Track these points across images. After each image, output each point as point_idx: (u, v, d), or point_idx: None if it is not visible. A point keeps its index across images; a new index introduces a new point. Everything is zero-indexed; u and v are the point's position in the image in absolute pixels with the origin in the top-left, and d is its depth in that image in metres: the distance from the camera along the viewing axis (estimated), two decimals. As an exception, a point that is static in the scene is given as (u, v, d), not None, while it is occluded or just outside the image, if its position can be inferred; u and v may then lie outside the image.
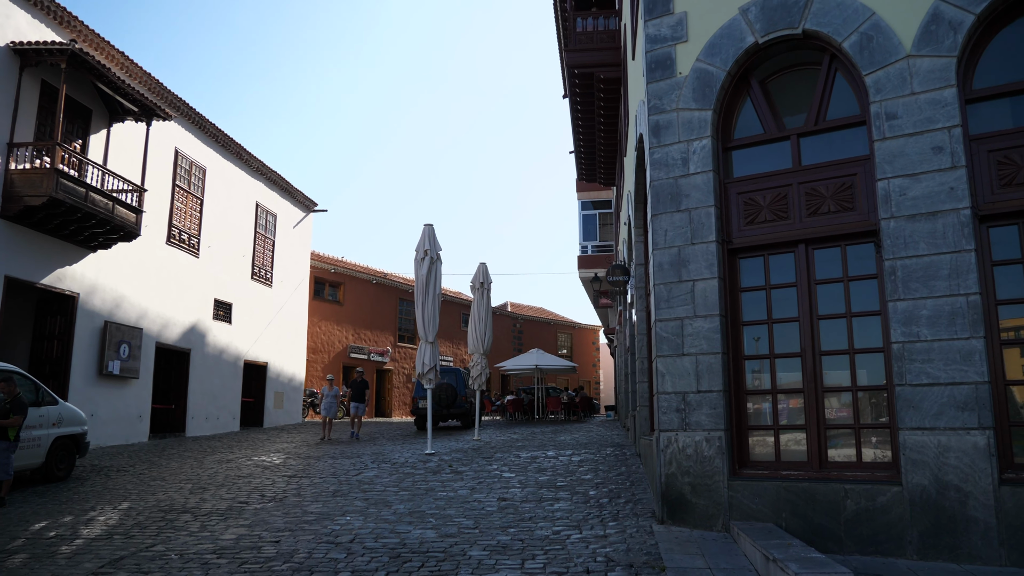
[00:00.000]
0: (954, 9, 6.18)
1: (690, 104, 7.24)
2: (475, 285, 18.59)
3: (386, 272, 36.16)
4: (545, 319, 48.36)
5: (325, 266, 31.46)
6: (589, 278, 26.57)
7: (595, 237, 27.52)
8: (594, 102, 17.37)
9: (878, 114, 6.34)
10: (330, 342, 31.45)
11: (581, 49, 16.22)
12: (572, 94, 17.92)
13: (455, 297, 40.20)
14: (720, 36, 7.20)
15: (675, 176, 7.20)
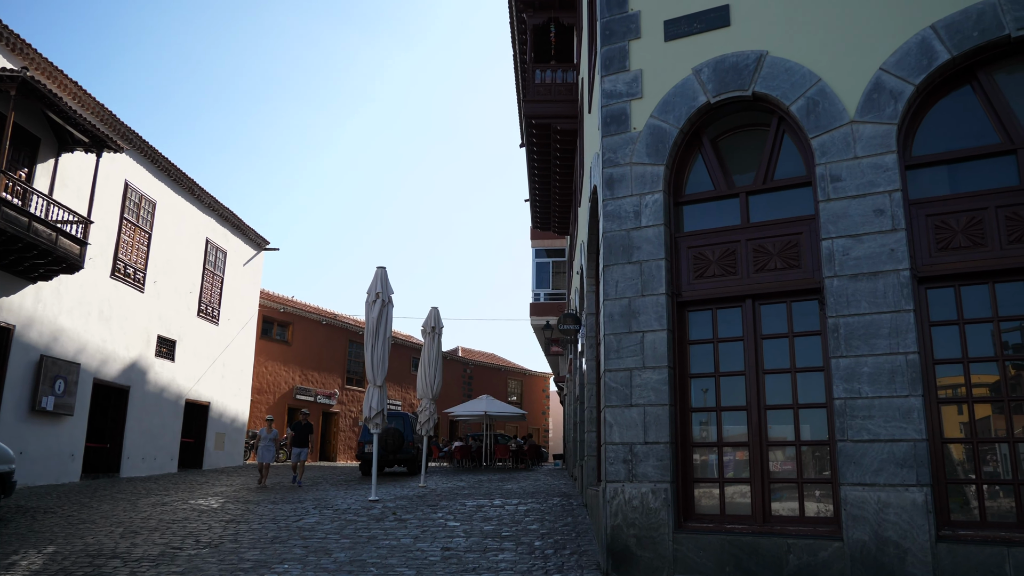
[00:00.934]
0: (895, 79, 6.47)
1: (643, 159, 7.40)
2: (426, 329, 18.49)
3: (336, 313, 35.75)
4: (496, 365, 48.21)
5: (274, 305, 30.99)
6: (541, 325, 26.64)
7: (548, 285, 27.70)
8: (551, 152, 17.64)
9: (823, 176, 6.56)
10: (276, 383, 30.83)
11: (539, 100, 16.52)
12: (529, 144, 18.18)
13: (406, 341, 39.88)
14: (674, 94, 7.41)
15: (627, 228, 7.32)
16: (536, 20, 16.95)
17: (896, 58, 6.51)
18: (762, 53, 7.07)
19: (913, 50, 6.45)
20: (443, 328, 18.81)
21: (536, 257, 28.59)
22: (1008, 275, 5.98)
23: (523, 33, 17.75)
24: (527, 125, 17.18)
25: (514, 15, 17.44)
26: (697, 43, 7.44)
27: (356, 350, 35.30)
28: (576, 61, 16.21)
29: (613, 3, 7.99)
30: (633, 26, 7.81)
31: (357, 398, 35.22)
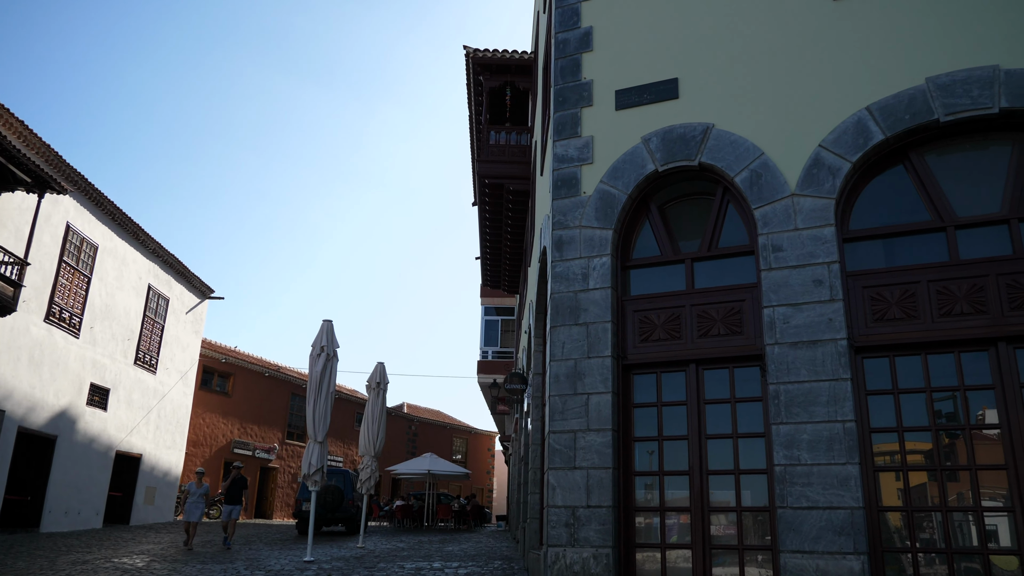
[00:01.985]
0: (833, 156, 6.75)
1: (592, 223, 7.53)
2: (371, 384, 18.22)
3: (280, 365, 35.04)
4: (442, 423, 47.63)
5: (216, 355, 30.24)
6: (488, 384, 26.50)
7: (496, 343, 27.66)
8: (503, 212, 17.83)
9: (765, 246, 6.75)
10: (214, 435, 29.88)
11: (493, 161, 16.76)
12: (482, 202, 18.37)
13: (350, 395, 39.20)
14: (623, 161, 7.60)
15: (575, 290, 7.39)
16: (492, 83, 17.31)
17: (834, 136, 6.80)
18: (709, 125, 7.32)
19: (850, 129, 6.76)
20: (388, 384, 18.55)
21: (485, 315, 28.60)
22: (939, 347, 6.18)
23: (479, 95, 18.10)
24: (480, 184, 17.38)
25: (471, 77, 17.78)
26: (647, 113, 7.68)
27: (298, 403, 34.54)
28: (530, 124, 16.54)
29: (567, 71, 8.22)
30: (585, 94, 8.03)
31: (297, 453, 34.31)
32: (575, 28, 8.39)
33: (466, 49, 17.13)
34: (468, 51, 17.09)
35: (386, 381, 18.40)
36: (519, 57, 16.77)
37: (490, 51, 16.92)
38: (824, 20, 7.23)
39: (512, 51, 16.89)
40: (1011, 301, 6.04)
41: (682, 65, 7.68)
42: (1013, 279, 6.08)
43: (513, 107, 18.55)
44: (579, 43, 8.30)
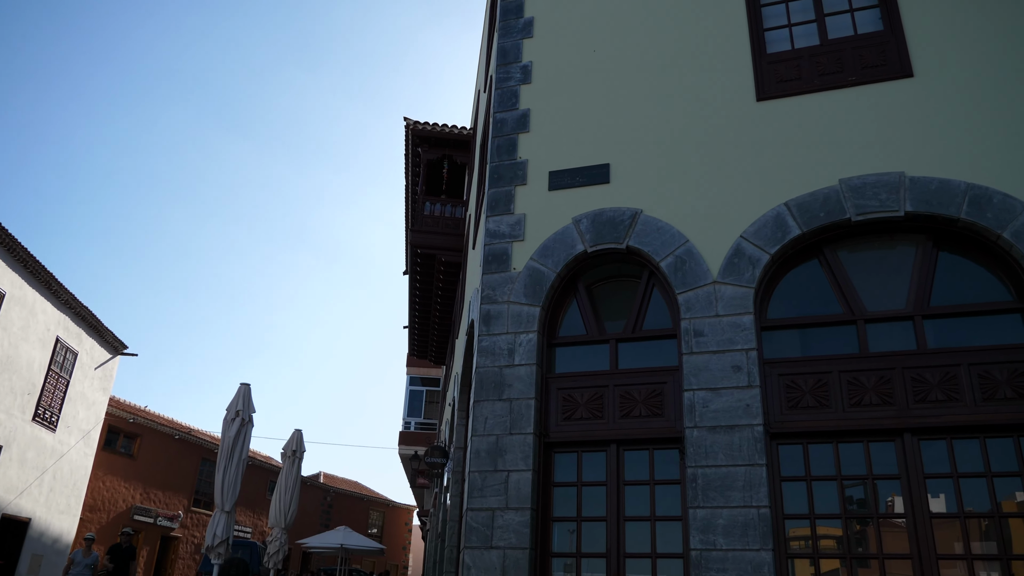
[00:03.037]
0: (753, 247, 7.03)
1: (521, 299, 7.60)
2: (287, 452, 17.60)
3: (191, 427, 33.61)
4: (359, 494, 46.19)
5: (123, 414, 28.83)
6: (409, 455, 25.95)
7: (420, 414, 27.24)
8: (433, 282, 17.83)
9: (687, 330, 6.92)
10: (114, 500, 28.21)
11: (426, 231, 16.83)
12: (413, 272, 18.34)
13: (264, 462, 37.75)
14: (554, 240, 7.74)
15: (500, 365, 7.39)
16: (431, 155, 17.54)
17: (755, 228, 7.10)
18: (637, 211, 7.56)
19: (770, 223, 7.08)
20: (305, 452, 17.96)
21: (410, 385, 28.21)
22: (850, 436, 6.38)
23: (417, 166, 18.29)
24: (412, 254, 17.39)
25: (410, 148, 17.99)
26: (578, 195, 7.89)
27: (209, 469, 33.03)
28: (465, 198, 16.76)
29: (503, 150, 8.42)
30: (520, 173, 8.21)
31: (203, 522, 32.62)
32: (513, 109, 8.64)
33: (406, 121, 17.37)
34: (408, 123, 17.33)
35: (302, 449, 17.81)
36: (458, 132, 17.08)
37: (430, 124, 17.20)
38: (748, 118, 7.63)
39: (452, 126, 17.21)
40: (916, 394, 6.31)
41: (614, 151, 7.96)
42: (917, 373, 6.36)
43: (450, 180, 18.78)
44: (516, 124, 8.53)
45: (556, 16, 9.07)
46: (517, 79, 8.81)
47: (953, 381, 6.26)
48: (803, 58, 7.75)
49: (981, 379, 6.21)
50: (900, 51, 7.40)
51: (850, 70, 7.52)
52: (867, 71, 7.45)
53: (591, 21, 8.86)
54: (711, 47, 8.13)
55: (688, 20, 8.38)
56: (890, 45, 7.48)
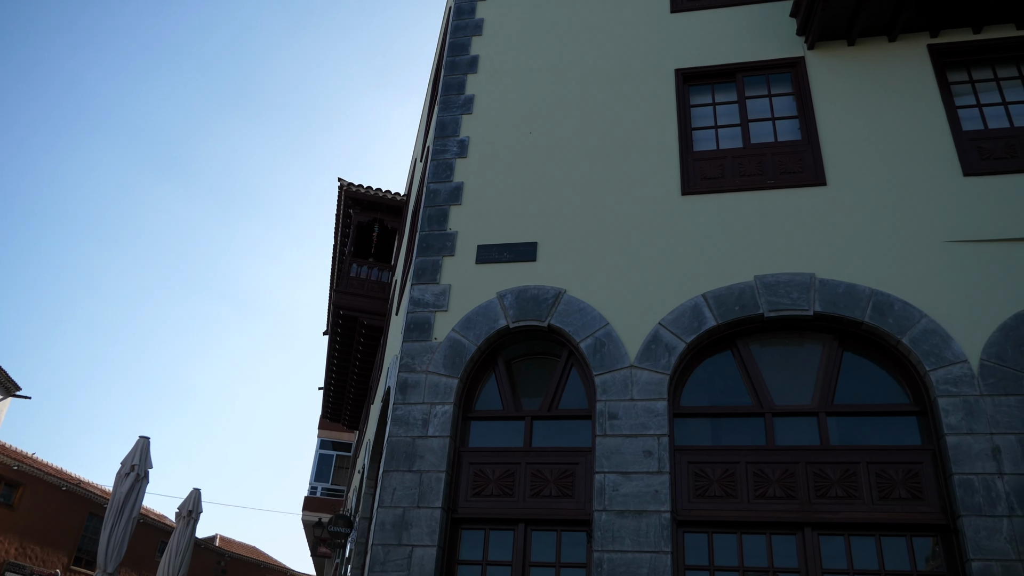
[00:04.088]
0: (670, 334, 7.21)
1: (439, 369, 7.55)
2: (182, 512, 16.71)
3: (81, 479, 31.61)
4: (256, 560, 43.96)
5: (7, 460, 26.95)
6: (312, 522, 24.93)
7: (328, 479, 26.37)
8: (353, 345, 17.56)
9: (602, 412, 6.98)
10: (-17, 556, 26.08)
11: (351, 293, 16.66)
12: (334, 332, 18.04)
13: (156, 520, 35.68)
14: (477, 313, 7.77)
15: (413, 436, 7.27)
16: (362, 218, 17.51)
17: (673, 316, 7.30)
18: (561, 291, 7.68)
19: (687, 312, 7.29)
20: (202, 513, 17.10)
21: (321, 448, 27.35)
22: (754, 528, 6.47)
23: (347, 227, 18.22)
24: (335, 314, 17.14)
25: (341, 209, 17.94)
26: (505, 270, 7.98)
27: (96, 525, 30.96)
28: (393, 263, 16.73)
29: (434, 220, 8.48)
30: (449, 244, 8.27)
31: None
32: (447, 181, 8.75)
33: (341, 182, 17.37)
34: (343, 184, 17.33)
35: (199, 510, 16.94)
36: (392, 197, 17.16)
37: (364, 187, 17.24)
38: (673, 210, 7.92)
39: (386, 191, 17.29)
40: (817, 489, 6.48)
41: (543, 231, 8.12)
42: (819, 468, 6.54)
43: (379, 244, 18.74)
44: (449, 195, 8.63)
45: (496, 96, 9.34)
46: (453, 152, 8.97)
47: (852, 478, 6.47)
48: (727, 158, 8.15)
49: (878, 478, 6.43)
50: (816, 160, 7.87)
51: (769, 174, 7.93)
52: (785, 176, 7.88)
53: (529, 104, 9.15)
54: (642, 140, 8.47)
55: (623, 113, 8.74)
56: (807, 154, 7.95)
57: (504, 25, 10.03)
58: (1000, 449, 6.20)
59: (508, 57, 9.68)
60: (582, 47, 9.49)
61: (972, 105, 8.05)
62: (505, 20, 10.08)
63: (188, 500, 16.94)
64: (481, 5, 10.34)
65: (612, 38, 9.45)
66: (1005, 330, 6.67)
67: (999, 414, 6.34)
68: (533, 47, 9.68)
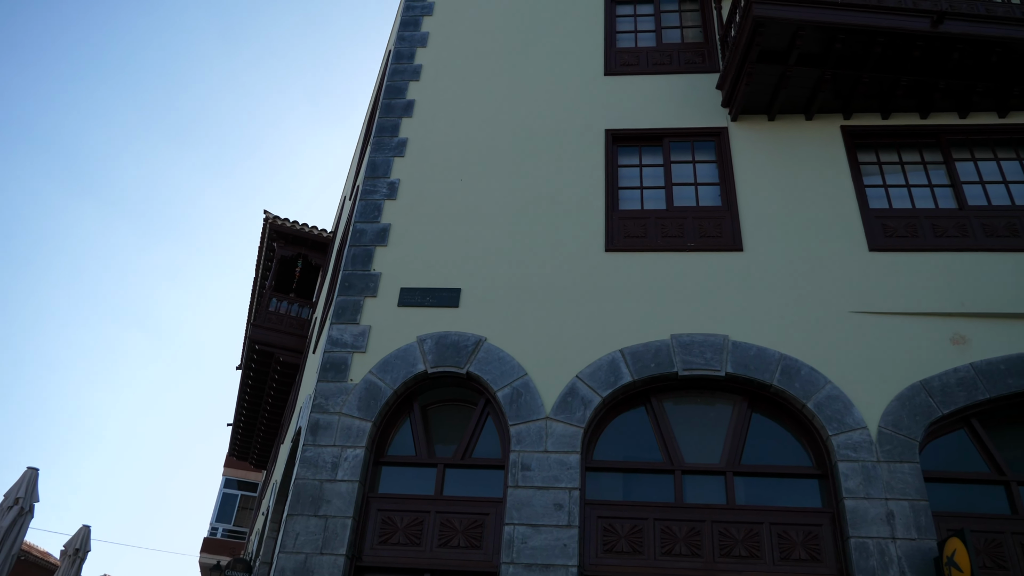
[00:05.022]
0: (587, 388, 7.28)
1: (353, 412, 7.41)
2: (68, 551, 15.73)
3: (-40, 513, 29.41)
4: (145, 605, 41.55)
5: None
6: (210, 565, 23.80)
7: (230, 520, 25.31)
8: (267, 382, 17.09)
9: (515, 463, 6.95)
10: None
11: (268, 328, 16.27)
12: (247, 368, 17.52)
13: (40, 558, 33.41)
14: (396, 356, 7.69)
15: (321, 479, 7.08)
16: (286, 252, 17.21)
17: (590, 370, 7.38)
18: (481, 338, 7.69)
19: (604, 367, 7.38)
20: (90, 551, 16.14)
21: (225, 487, 26.29)
22: (658, 586, 6.50)
23: (270, 260, 17.86)
24: (250, 349, 16.67)
25: (265, 241, 17.61)
26: (427, 314, 7.94)
27: (-31, 563, 28.79)
28: (314, 300, 16.44)
29: (359, 259, 8.41)
30: (372, 285, 8.20)
31: (-51, 626, 28.10)
32: (375, 222, 8.71)
33: (266, 214, 17.08)
34: (268, 216, 17.04)
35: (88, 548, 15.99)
36: (317, 233, 16.95)
37: (290, 221, 16.98)
38: (596, 266, 8.07)
39: (312, 226, 17.07)
40: (722, 548, 6.58)
41: (467, 278, 8.14)
42: (725, 527, 6.66)
43: (302, 280, 18.42)
44: (376, 236, 8.58)
45: (430, 141, 9.41)
46: (383, 193, 8.95)
47: (756, 538, 6.60)
48: (651, 219, 8.38)
49: (780, 538, 6.58)
50: (734, 227, 8.18)
51: (690, 236, 8.19)
52: (704, 240, 8.15)
53: (462, 151, 9.25)
54: (570, 195, 8.65)
55: (553, 167, 8.92)
56: (726, 220, 8.25)
57: (442, 73, 10.17)
58: (894, 514, 6.44)
59: (444, 104, 9.79)
60: (518, 100, 9.69)
61: (879, 185, 8.54)
62: (444, 68, 10.22)
63: (76, 537, 15.98)
64: (421, 51, 10.47)
65: (547, 94, 9.69)
66: (902, 400, 6.99)
67: (894, 480, 6.60)
68: (470, 96, 9.83)
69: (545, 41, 10.33)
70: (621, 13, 10.74)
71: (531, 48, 10.28)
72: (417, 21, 10.85)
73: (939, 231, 8.01)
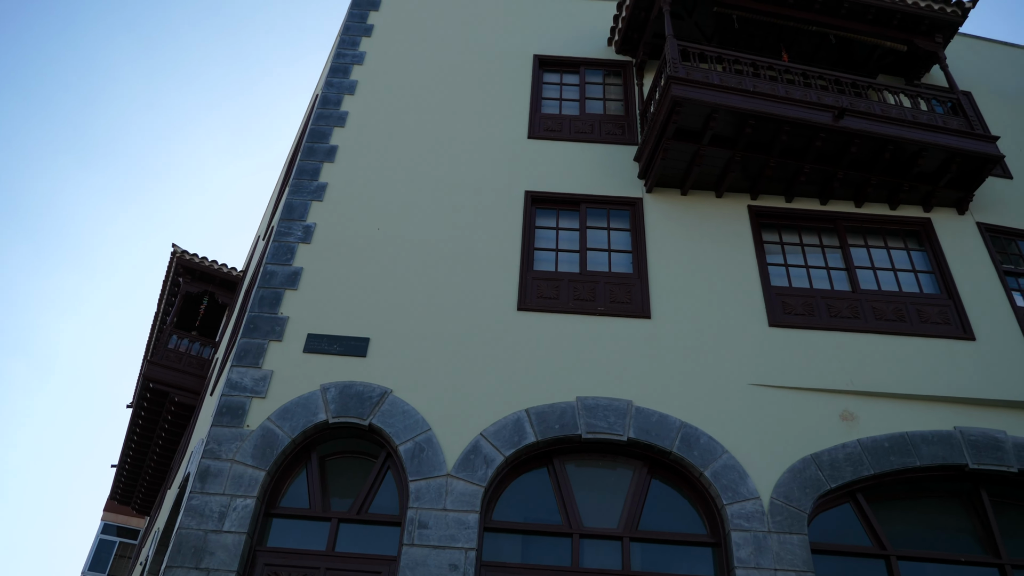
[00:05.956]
0: (490, 446, 7.23)
1: (247, 459, 7.11)
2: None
3: None
4: (0, 661, 38.16)
5: None
6: (78, 619, 22.16)
7: (104, 569, 23.68)
8: (159, 422, 16.30)
9: (412, 520, 6.79)
10: None
11: (166, 366, 15.61)
12: (139, 406, 16.67)
13: None
14: (297, 404, 7.46)
15: (207, 529, 6.72)
16: (192, 288, 16.63)
17: (495, 428, 7.34)
18: (387, 390, 7.56)
19: (509, 426, 7.36)
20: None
21: (103, 532, 24.65)
22: (550, 653, 6.40)
23: (174, 295, 17.22)
24: (143, 386, 15.91)
25: (171, 276, 17.00)
26: (333, 363, 7.77)
27: None
28: (218, 340, 15.89)
29: (266, 302, 8.20)
30: (278, 328, 7.99)
31: None
32: (287, 265, 8.54)
33: (174, 248, 16.54)
34: (176, 251, 16.50)
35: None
36: (227, 272, 16.49)
37: (199, 257, 16.49)
38: (507, 324, 8.11)
39: (222, 264, 16.61)
40: (615, 615, 6.54)
41: (376, 328, 8.04)
42: (619, 595, 6.64)
43: (206, 318, 17.81)
44: (286, 279, 8.40)
45: (350, 188, 9.35)
46: (298, 236, 8.81)
47: (648, 606, 6.60)
48: (564, 281, 8.51)
49: (672, 607, 6.60)
50: (643, 295, 8.39)
51: (601, 301, 8.35)
52: (614, 305, 8.32)
53: (382, 201, 9.22)
54: (486, 252, 8.71)
55: (471, 224, 8.99)
56: (636, 288, 8.46)
57: (368, 122, 10.19)
58: (781, 586, 6.57)
59: (368, 153, 9.79)
60: (442, 155, 9.78)
61: (781, 264, 8.95)
62: (370, 117, 10.25)
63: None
64: (348, 99, 10.48)
65: (471, 152, 9.82)
66: (793, 472, 7.22)
67: (784, 551, 6.76)
68: (394, 147, 9.86)
69: (473, 100, 10.52)
70: (548, 80, 11.07)
71: (459, 106, 10.44)
72: (347, 69, 10.89)
73: (833, 311, 8.42)
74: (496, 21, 11.83)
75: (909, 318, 8.45)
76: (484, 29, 11.68)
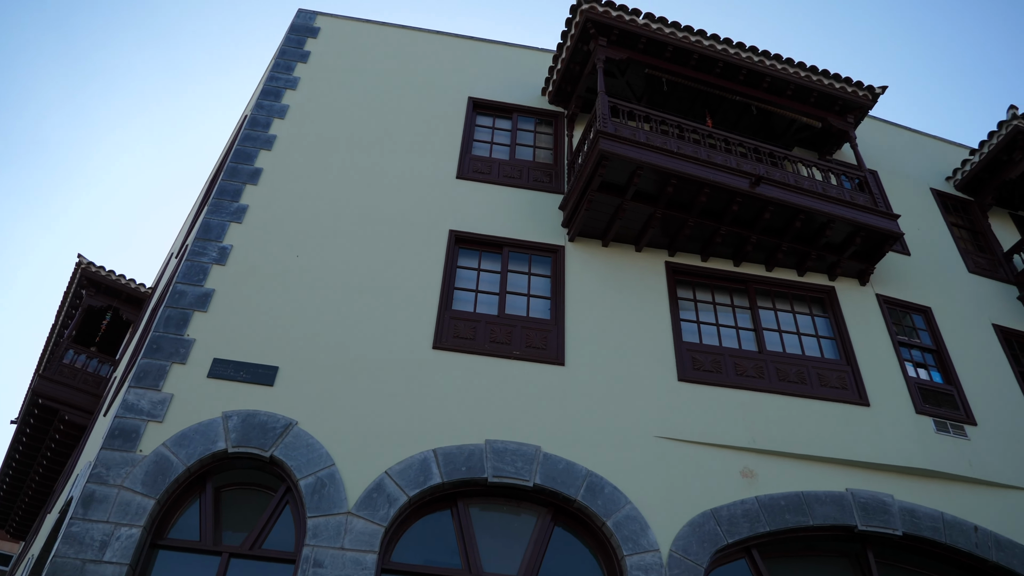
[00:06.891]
0: (395, 486, 7.09)
1: (136, 486, 6.77)
2: None
3: None
4: None
5: None
6: (-68, 650, 20.43)
7: (-31, 598, 21.99)
8: (46, 441, 15.37)
9: (308, 558, 6.57)
10: None
11: (59, 381, 14.77)
12: (24, 422, 15.70)
13: None
14: (195, 431, 7.17)
15: (85, 559, 6.33)
16: (95, 302, 15.89)
17: (401, 467, 7.22)
18: (292, 422, 7.35)
19: (416, 465, 7.25)
20: None
21: (-29, 557, 22.94)
22: None
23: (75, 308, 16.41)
24: (31, 402, 15.01)
25: (73, 287, 16.21)
26: (238, 390, 7.53)
27: None
28: (118, 358, 15.19)
29: (172, 322, 7.91)
30: (183, 351, 7.70)
31: None
32: (198, 285, 8.28)
33: (79, 259, 15.81)
34: (81, 262, 15.78)
35: None
36: (135, 287, 15.85)
37: (105, 270, 15.80)
38: (421, 362, 8.04)
39: (130, 279, 15.96)
40: (507, 666, 6.45)
41: (287, 357, 7.84)
42: (514, 644, 6.55)
43: (108, 334, 17.02)
44: (196, 300, 8.13)
45: (271, 213, 9.17)
46: (212, 257, 8.56)
47: (542, 657, 6.53)
48: (481, 323, 8.52)
49: (566, 659, 6.55)
50: (559, 342, 8.47)
51: (517, 345, 8.38)
52: (530, 350, 8.37)
53: (304, 229, 9.07)
54: (405, 288, 8.65)
55: (392, 259, 8.92)
56: (552, 334, 8.54)
57: (296, 148, 10.06)
58: (674, 640, 6.61)
59: (293, 178, 9.64)
60: (369, 187, 9.72)
61: (693, 320, 9.20)
62: (299, 144, 10.13)
63: None
64: (278, 122, 10.35)
65: (398, 187, 9.80)
66: (693, 526, 7.33)
67: (678, 606, 6.81)
68: (320, 176, 9.75)
69: (404, 136, 10.54)
70: (481, 123, 11.19)
71: (390, 140, 10.43)
72: (279, 92, 10.77)
73: (740, 370, 8.68)
74: (435, 61, 11.94)
75: (810, 381, 8.78)
76: (422, 68, 11.77)
